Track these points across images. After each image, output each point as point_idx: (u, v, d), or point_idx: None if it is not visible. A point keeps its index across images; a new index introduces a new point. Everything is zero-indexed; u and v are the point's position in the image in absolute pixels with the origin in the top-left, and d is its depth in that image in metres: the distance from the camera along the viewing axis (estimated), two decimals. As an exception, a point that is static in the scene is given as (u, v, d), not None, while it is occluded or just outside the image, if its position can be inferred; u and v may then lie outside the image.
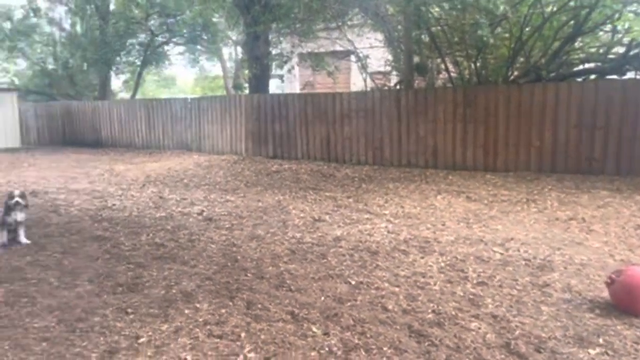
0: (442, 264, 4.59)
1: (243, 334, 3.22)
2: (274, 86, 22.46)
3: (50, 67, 21.25)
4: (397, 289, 4.00)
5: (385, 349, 3.01)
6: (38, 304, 3.73)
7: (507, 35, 11.16)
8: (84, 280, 4.29)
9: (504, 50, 11.22)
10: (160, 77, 33.52)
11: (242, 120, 13.55)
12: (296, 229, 5.98)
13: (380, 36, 14.13)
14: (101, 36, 17.63)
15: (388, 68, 14.64)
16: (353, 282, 4.16)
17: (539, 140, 9.51)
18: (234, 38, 24.76)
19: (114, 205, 7.51)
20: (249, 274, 4.41)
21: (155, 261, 4.82)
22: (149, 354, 2.98)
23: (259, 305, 3.69)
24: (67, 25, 19.88)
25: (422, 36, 12.16)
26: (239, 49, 26.89)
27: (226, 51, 27.68)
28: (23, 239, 5.46)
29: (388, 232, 5.76)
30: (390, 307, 3.64)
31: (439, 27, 12.02)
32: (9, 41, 18.50)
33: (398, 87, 13.41)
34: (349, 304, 3.70)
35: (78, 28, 19.85)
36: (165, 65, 25.04)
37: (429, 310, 3.57)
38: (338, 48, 15.47)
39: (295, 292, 3.98)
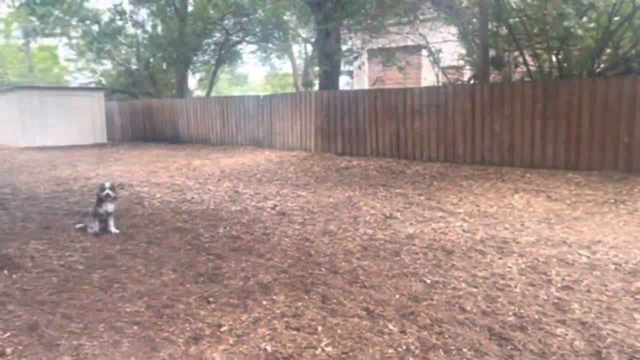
0: (523, 266, 4.41)
1: (320, 328, 3.27)
2: (343, 83, 22.53)
3: (133, 67, 22.56)
4: (474, 290, 3.90)
5: (465, 350, 2.94)
6: (128, 290, 3.99)
7: (593, 25, 10.49)
8: (168, 269, 4.52)
9: (590, 41, 10.56)
10: (232, 76, 34.59)
11: (312, 116, 13.69)
12: (367, 226, 5.97)
13: (453, 30, 13.76)
14: (180, 36, 18.46)
15: (461, 62, 14.23)
16: (428, 281, 4.10)
17: (627, 137, 8.88)
18: (303, 35, 25.06)
19: (192, 198, 7.85)
20: (322, 269, 4.46)
21: (232, 253, 4.99)
22: (230, 342, 3.10)
23: (334, 300, 3.73)
24: (149, 27, 21.01)
25: (499, 29, 11.68)
26: (309, 46, 27.22)
27: (296, 49, 28.09)
28: (113, 228, 5.84)
29: (463, 231, 5.62)
30: (468, 307, 3.55)
31: (517, 19, 11.51)
32: (97, 43, 19.81)
33: (472, 81, 13.01)
34: (425, 303, 3.65)
35: (159, 29, 20.92)
36: (237, 63, 25.85)
37: (510, 313, 3.45)
38: (409, 43, 15.24)
39: (370, 288, 3.98)
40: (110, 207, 5.79)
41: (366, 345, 3.02)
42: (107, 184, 5.85)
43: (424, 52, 14.81)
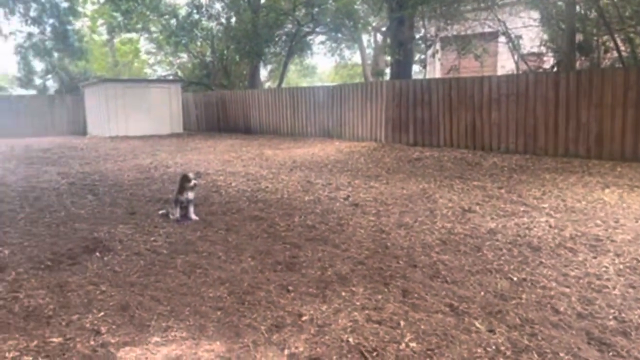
0: (621, 266, 4.07)
1: (402, 322, 3.18)
2: (414, 72, 22.03)
3: (208, 59, 23.30)
4: (567, 290, 3.64)
5: (562, 354, 2.74)
6: (210, 275, 4.09)
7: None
8: (247, 256, 4.60)
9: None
10: (302, 67, 34.85)
11: (383, 106, 13.49)
12: (445, 219, 5.78)
13: (535, 14, 13.01)
14: (252, 28, 18.80)
15: (543, 49, 13.46)
16: (515, 279, 3.89)
17: None
18: (374, 25, 24.75)
19: (266, 187, 7.98)
20: (400, 262, 4.36)
21: (308, 242, 5.00)
22: (312, 332, 3.08)
23: (415, 295, 3.62)
24: (223, 19, 21.57)
25: (588, 11, 10.90)
26: (379, 35, 26.84)
27: (365, 38, 27.81)
28: (193, 215, 6.04)
29: (550, 227, 5.29)
30: (561, 309, 3.33)
31: (607, 0, 10.69)
32: (175, 37, 20.61)
33: (555, 68, 12.26)
34: (513, 301, 3.46)
35: (233, 22, 21.44)
36: (307, 54, 25.99)
37: (610, 317, 3.19)
38: (486, 29, 14.60)
39: (452, 284, 3.83)
40: (191, 195, 5.98)
41: (452, 343, 2.90)
42: (191, 174, 6.03)
43: (502, 38, 14.15)
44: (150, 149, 14.27)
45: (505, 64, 15.90)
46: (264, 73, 28.46)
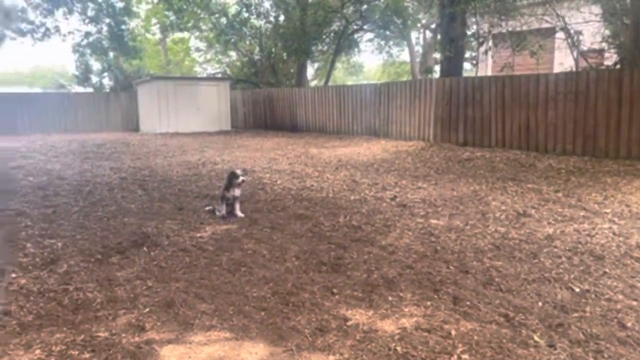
0: (697, 280, 3.73)
1: (453, 332, 3.01)
2: (463, 70, 21.43)
3: (256, 57, 23.53)
4: (635, 304, 3.36)
5: (633, 376, 2.50)
6: (254, 274, 4.04)
7: None
8: (291, 255, 4.52)
9: None
10: (348, 65, 34.67)
11: (432, 105, 13.16)
12: (498, 223, 5.51)
13: (597, 9, 12.33)
14: (301, 26, 18.82)
15: (604, 45, 12.74)
16: (576, 290, 3.62)
17: None
18: (423, 22, 24.29)
19: (311, 186, 7.90)
20: (451, 267, 4.16)
21: (354, 243, 4.87)
22: (357, 338, 2.96)
23: (467, 303, 3.43)
24: (272, 17, 21.74)
25: (657, 4, 10.21)
26: (428, 33, 26.30)
27: (414, 36, 27.33)
28: (238, 212, 6.03)
29: (614, 234, 4.94)
30: (629, 324, 3.06)
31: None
32: (224, 35, 20.93)
33: (618, 66, 11.57)
34: (575, 314, 3.21)
35: (281, 19, 21.55)
36: (354, 52, 25.82)
37: (687, 337, 2.90)
38: (543, 25, 13.97)
39: (507, 292, 3.61)
40: (237, 192, 5.98)
41: (509, 357, 2.71)
42: (239, 171, 6.02)
43: (560, 34, 13.50)
44: (199, 145, 14.52)
45: (564, 61, 15.17)
46: (310, 71, 28.51)
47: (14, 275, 3.97)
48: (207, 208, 6.37)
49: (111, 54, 19.62)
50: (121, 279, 3.91)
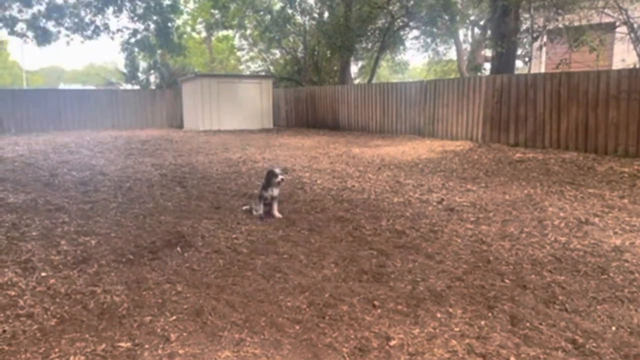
0: None
1: (512, 358, 2.63)
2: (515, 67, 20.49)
3: (299, 55, 23.37)
4: None
5: None
6: (290, 281, 3.76)
7: None
8: (329, 261, 4.23)
9: None
10: (393, 63, 34.04)
11: (481, 103, 12.56)
12: (558, 232, 5.02)
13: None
14: (345, 23, 18.49)
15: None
16: (656, 313, 3.15)
17: None
18: (472, 18, 23.46)
19: (353, 186, 7.58)
20: (506, 280, 3.75)
21: (397, 250, 4.52)
22: (402, 360, 2.63)
23: (527, 324, 3.03)
24: (316, 14, 21.51)
25: None
26: (476, 29, 25.41)
27: (461, 33, 26.46)
28: (276, 212, 5.79)
29: (694, 248, 4.38)
30: None
31: None
32: (268, 33, 20.84)
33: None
34: (658, 344, 2.77)
35: (325, 16, 21.29)
36: (400, 50, 25.24)
37: None
38: (603, 19, 13.08)
39: (573, 313, 3.18)
40: (275, 191, 5.73)
41: (581, 395, 2.31)
42: (278, 170, 5.78)
43: (621, 29, 12.59)
44: (240, 143, 14.44)
45: (627, 57, 14.18)
46: (354, 69, 28.12)
47: (43, 274, 3.85)
48: (244, 207, 6.17)
49: (158, 52, 19.86)
50: (151, 282, 3.72)
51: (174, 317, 3.13)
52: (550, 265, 4.08)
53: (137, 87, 24.29)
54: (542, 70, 17.59)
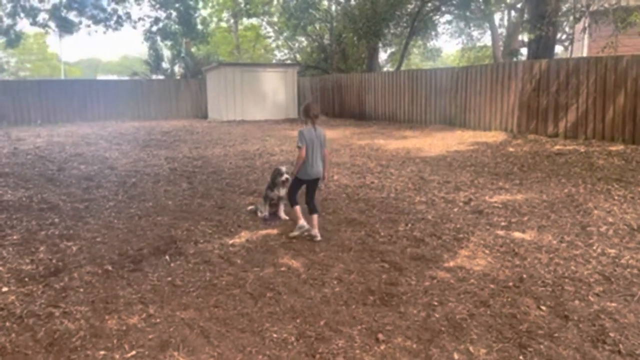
0: None
1: None
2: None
3: (326, 42, 22.64)
4: None
5: None
6: (281, 303, 3.20)
7: None
8: (332, 276, 3.64)
9: None
10: (425, 49, 32.87)
11: (517, 91, 11.64)
12: (606, 241, 4.28)
13: None
14: (372, 7, 17.66)
15: None
16: None
17: None
18: (507, 1, 22.23)
19: (371, 183, 6.94)
20: (543, 308, 3.09)
21: (413, 263, 3.89)
22: None
23: (570, 373, 2.38)
24: (342, -1, 20.76)
25: None
26: (513, 12, 24.07)
27: (497, 17, 25.14)
28: (283, 214, 5.24)
29: None
30: None
31: None
32: (293, 19, 20.17)
33: None
34: None
35: (351, 0, 20.47)
36: (431, 35, 24.17)
37: None
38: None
39: (628, 357, 2.50)
40: (282, 191, 5.17)
41: None
42: (284, 168, 5.22)
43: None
44: (261, 134, 13.94)
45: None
46: (383, 56, 27.20)
47: (5, 289, 3.40)
48: (249, 208, 5.63)
49: (181, 40, 19.52)
50: (121, 302, 3.22)
51: (133, 353, 2.60)
52: (597, 286, 3.38)
53: (161, 77, 24.07)
54: (585, 54, 16.37)
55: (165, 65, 23.97)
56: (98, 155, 10.08)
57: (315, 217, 4.56)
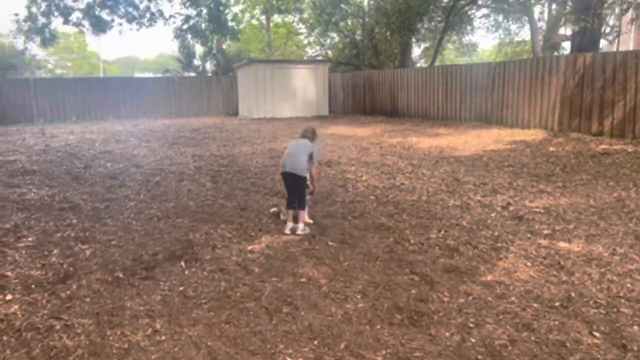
0: None
1: None
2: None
3: (358, 38, 22.22)
4: None
5: None
6: (298, 321, 2.91)
7: None
8: (356, 289, 3.33)
9: None
10: (460, 45, 31.98)
11: (558, 87, 11.00)
12: (664, 254, 3.82)
13: None
14: (405, 1, 17.14)
15: None
16: None
17: None
18: (548, -8, 21.23)
19: (402, 184, 6.58)
20: (596, 334, 2.70)
21: (446, 275, 3.54)
22: None
23: (633, 421, 2.00)
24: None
25: None
26: (554, 5, 23.04)
27: (536, 10, 24.11)
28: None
29: None
30: None
31: None
32: (325, 15, 19.83)
33: None
34: None
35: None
36: (467, 30, 23.41)
37: None
38: None
39: None
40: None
41: None
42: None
43: None
44: (291, 132, 13.69)
45: None
46: (416, 52, 26.55)
47: (9, 297, 3.23)
48: (272, 210, 5.38)
49: (212, 37, 19.45)
50: (127, 314, 3.00)
51: (130, 377, 2.37)
52: (659, 309, 2.96)
53: (193, 74, 24.14)
54: (631, 48, 15.47)
55: (196, 62, 24.04)
56: (126, 152, 10.03)
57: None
